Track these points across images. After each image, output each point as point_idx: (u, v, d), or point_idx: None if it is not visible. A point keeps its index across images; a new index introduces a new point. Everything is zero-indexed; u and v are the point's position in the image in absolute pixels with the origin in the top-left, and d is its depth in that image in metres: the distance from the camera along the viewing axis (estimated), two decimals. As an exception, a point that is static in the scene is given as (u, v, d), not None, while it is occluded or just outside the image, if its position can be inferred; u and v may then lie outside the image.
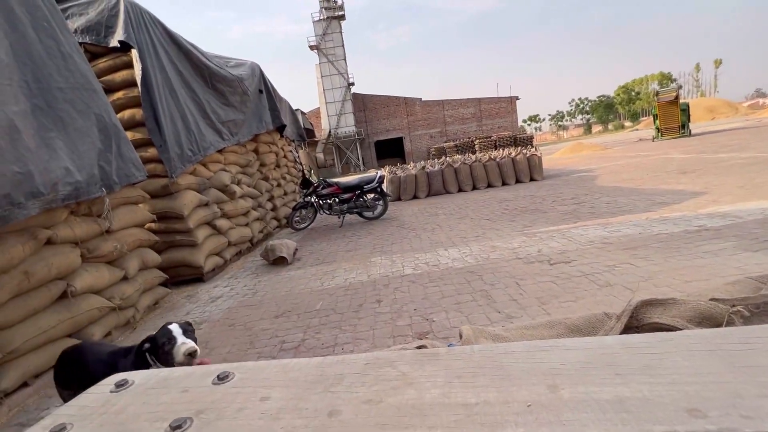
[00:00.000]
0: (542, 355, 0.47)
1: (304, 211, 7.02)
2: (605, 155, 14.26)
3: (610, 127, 61.87)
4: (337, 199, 6.80)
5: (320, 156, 32.15)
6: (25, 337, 2.41)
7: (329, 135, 33.50)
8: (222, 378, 0.52)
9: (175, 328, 1.43)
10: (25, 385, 2.43)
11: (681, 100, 16.43)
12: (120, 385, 0.54)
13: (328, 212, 6.93)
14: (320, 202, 6.94)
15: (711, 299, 0.80)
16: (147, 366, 1.38)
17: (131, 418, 0.47)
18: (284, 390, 0.48)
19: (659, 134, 16.61)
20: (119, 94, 3.90)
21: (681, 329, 0.70)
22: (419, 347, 0.87)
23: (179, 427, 0.43)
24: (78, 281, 2.76)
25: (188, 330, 1.46)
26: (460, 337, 1.02)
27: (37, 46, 2.76)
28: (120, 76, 3.85)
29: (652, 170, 7.94)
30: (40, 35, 2.80)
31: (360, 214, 6.95)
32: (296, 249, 4.89)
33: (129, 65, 3.79)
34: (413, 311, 2.77)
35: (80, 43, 3.28)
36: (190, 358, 1.36)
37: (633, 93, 59.58)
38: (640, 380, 0.40)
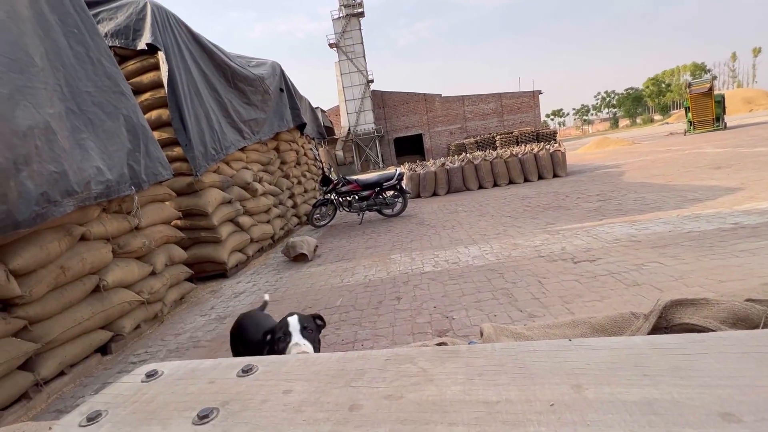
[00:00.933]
0: (566, 354, 0.46)
1: (324, 209, 7.11)
2: (633, 150, 13.73)
3: (638, 120, 59.60)
4: (356, 197, 6.84)
5: (340, 153, 32.47)
6: (62, 328, 2.54)
7: (348, 132, 33.72)
8: (246, 370, 0.53)
9: (293, 323, 1.27)
10: (62, 373, 2.57)
11: (716, 92, 15.62)
12: (150, 375, 0.56)
13: (347, 209, 6.98)
14: (340, 199, 7.00)
15: (747, 300, 0.76)
16: (273, 353, 1.26)
17: (161, 407, 0.48)
18: (306, 384, 0.49)
19: (692, 127, 15.88)
20: (147, 95, 4.05)
21: (714, 330, 0.67)
22: (439, 344, 0.85)
23: (206, 416, 0.44)
24: (110, 276, 2.89)
25: (307, 326, 1.29)
26: (481, 335, 1.00)
27: (68, 52, 2.89)
28: (148, 77, 3.99)
29: (683, 165, 7.60)
30: (71, 41, 2.93)
31: (379, 212, 6.97)
32: (316, 246, 4.96)
33: (156, 67, 3.92)
34: (433, 309, 2.76)
35: (110, 47, 3.42)
36: None
37: (663, 85, 57.11)
38: (669, 382, 0.39)
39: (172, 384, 0.53)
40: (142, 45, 3.65)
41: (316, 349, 1.28)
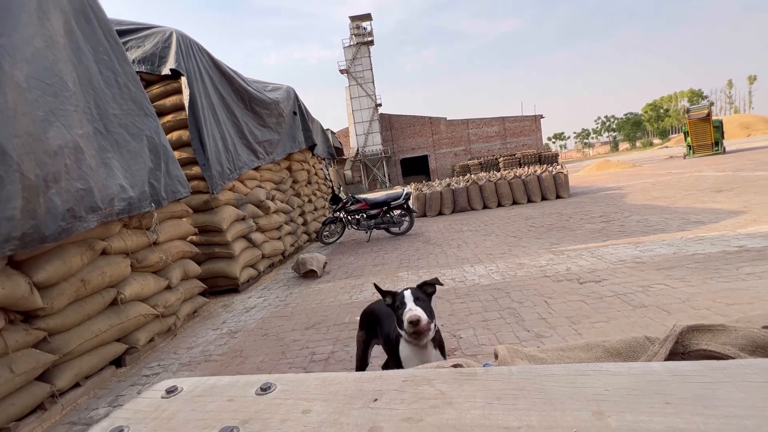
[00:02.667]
0: (584, 379, 0.45)
1: (333, 226, 7.24)
2: (634, 173, 13.87)
3: (638, 144, 60.23)
4: (364, 215, 6.97)
5: (348, 173, 33.26)
6: (79, 340, 2.60)
7: (357, 153, 34.91)
8: (265, 389, 0.53)
9: (408, 294, 1.38)
10: (77, 385, 2.60)
11: (714, 117, 15.90)
12: (170, 391, 0.57)
13: (356, 227, 7.10)
14: (349, 217, 7.13)
15: (765, 327, 0.75)
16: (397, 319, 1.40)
17: (181, 424, 0.48)
18: (325, 404, 0.48)
19: (691, 151, 16.11)
20: (169, 117, 4.24)
21: (732, 358, 0.65)
22: (455, 365, 0.92)
23: None
24: (127, 289, 2.97)
25: (420, 297, 1.40)
26: (496, 357, 1.00)
27: (97, 77, 3.07)
28: (170, 100, 4.19)
29: (684, 188, 7.70)
30: (101, 67, 3.11)
31: (387, 230, 7.08)
32: (326, 263, 5.03)
33: (178, 91, 4.12)
34: (440, 327, 2.79)
35: (137, 72, 3.62)
36: (411, 326, 1.29)
37: (662, 110, 58.05)
38: (692, 411, 0.38)
39: (192, 401, 0.54)
40: (166, 70, 3.86)
41: (429, 315, 1.37)
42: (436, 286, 1.53)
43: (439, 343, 1.47)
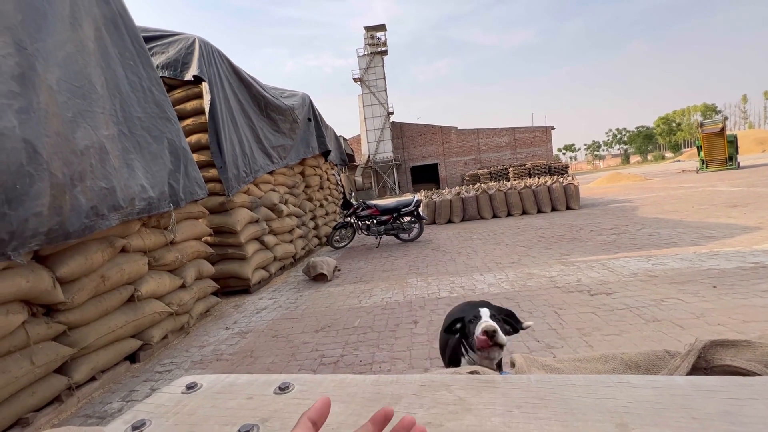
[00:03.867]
0: (606, 390, 0.45)
1: (343, 231, 7.30)
2: (645, 186, 13.73)
3: (649, 157, 59.67)
4: (375, 221, 7.03)
5: (359, 179, 33.71)
6: (97, 334, 2.67)
7: (368, 160, 35.42)
8: (283, 388, 0.54)
9: (484, 311, 1.34)
10: (92, 379, 2.66)
11: (728, 132, 15.73)
12: (190, 387, 0.57)
13: (366, 233, 7.16)
14: (359, 222, 7.21)
15: None
16: (465, 335, 1.34)
17: (202, 420, 0.49)
18: (343, 405, 0.48)
19: (704, 166, 15.92)
20: (189, 121, 4.36)
21: (758, 374, 0.63)
22: (472, 372, 0.92)
23: None
24: (144, 287, 3.04)
25: (496, 315, 1.35)
26: (512, 365, 1.03)
27: (123, 81, 3.18)
28: (191, 105, 4.32)
29: (697, 202, 7.61)
30: (127, 72, 3.23)
31: (396, 236, 7.12)
32: (336, 267, 5.08)
33: (198, 96, 4.25)
34: (450, 334, 2.81)
35: (160, 77, 3.74)
36: (485, 337, 1.19)
37: (674, 124, 57.60)
38: (720, 428, 0.37)
39: (212, 397, 0.54)
40: (188, 76, 3.99)
41: (505, 332, 1.28)
42: (517, 326, 1.39)
43: None
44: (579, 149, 77.99)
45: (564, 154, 76.17)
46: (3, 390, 2.05)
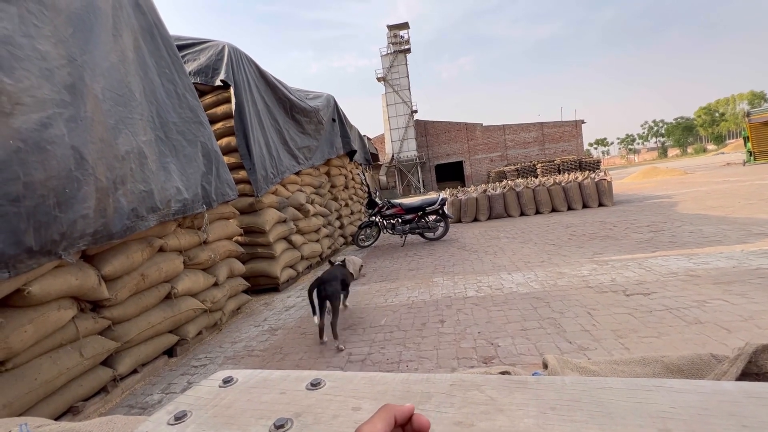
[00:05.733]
0: (646, 394, 0.43)
1: (368, 230, 7.36)
2: (685, 180, 12.99)
3: (689, 150, 56.43)
4: (400, 220, 7.03)
5: (383, 178, 33.97)
6: (138, 329, 2.82)
7: (392, 159, 35.45)
8: (315, 384, 0.55)
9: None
10: (134, 371, 2.81)
11: (780, 121, 14.62)
12: (227, 381, 0.60)
13: (391, 232, 7.18)
14: (384, 221, 7.22)
15: None
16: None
17: (239, 413, 0.51)
18: (374, 402, 0.49)
19: (752, 158, 14.87)
20: (219, 125, 4.53)
21: None
22: (503, 372, 0.85)
23: (282, 426, 0.46)
24: (180, 284, 3.18)
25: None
26: (544, 366, 0.97)
27: (160, 89, 3.33)
28: (221, 109, 4.49)
29: (744, 197, 7.12)
30: (163, 80, 3.38)
31: (422, 235, 7.09)
32: (362, 265, 5.10)
33: (228, 100, 4.40)
34: (477, 334, 2.77)
35: (193, 83, 3.90)
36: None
37: (717, 114, 54.10)
38: None
39: (247, 391, 0.56)
40: (218, 81, 4.14)
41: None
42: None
43: None
44: (612, 143, 74.77)
45: (595, 148, 73.31)
46: (56, 380, 2.20)
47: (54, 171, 2.08)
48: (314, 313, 3.08)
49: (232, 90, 4.22)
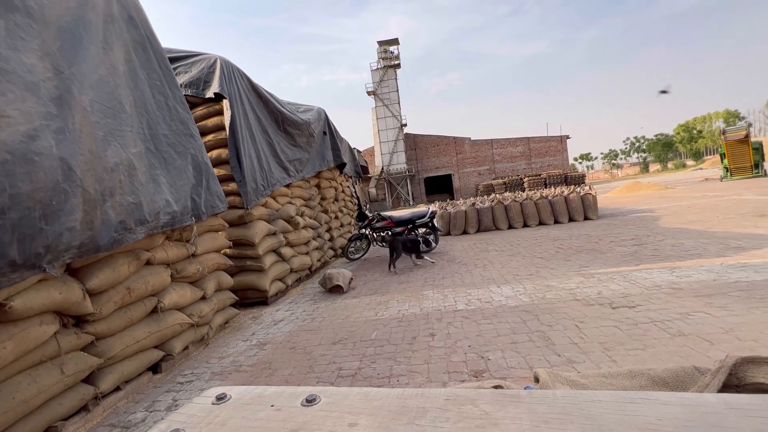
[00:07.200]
0: (634, 407, 0.44)
1: (358, 243, 7.35)
2: (667, 195, 13.38)
3: (669, 165, 58.29)
4: (390, 232, 7.05)
5: (372, 191, 34.18)
6: (122, 345, 2.74)
7: (382, 171, 35.77)
8: (310, 400, 0.54)
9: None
10: (117, 389, 2.73)
11: (753, 139, 15.30)
12: (220, 398, 0.59)
13: (381, 244, 7.18)
14: (374, 234, 7.23)
15: None
16: None
17: (234, 430, 0.50)
18: (370, 418, 0.49)
19: (728, 174, 15.47)
20: (210, 137, 4.52)
21: None
22: (495, 387, 0.86)
23: None
24: (166, 298, 3.12)
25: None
26: (536, 380, 1.01)
27: (151, 101, 3.32)
28: (212, 121, 4.48)
29: (723, 212, 7.37)
30: (154, 92, 3.38)
31: None
32: (351, 278, 5.10)
33: (219, 113, 4.41)
34: (467, 347, 2.78)
35: (184, 95, 3.90)
36: None
37: (695, 131, 56.23)
38: None
39: (241, 408, 0.55)
40: (210, 94, 4.15)
41: None
42: None
43: None
44: (596, 158, 76.72)
45: (580, 163, 75.07)
46: (35, 399, 2.12)
47: (41, 183, 2.05)
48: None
49: (225, 102, 4.23)
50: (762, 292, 2.98)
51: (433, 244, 7.07)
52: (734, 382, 0.75)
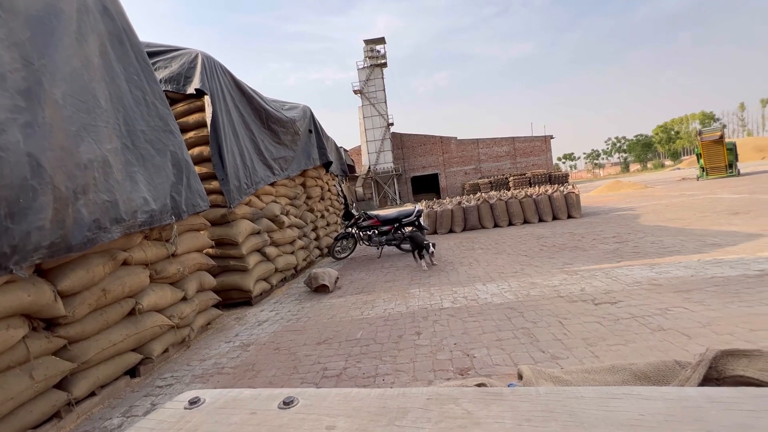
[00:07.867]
0: (617, 403, 0.44)
1: (345, 242, 7.30)
2: (646, 194, 13.74)
3: (649, 165, 60.05)
4: (376, 231, 7.02)
5: (359, 190, 34.05)
6: (97, 349, 2.64)
7: (369, 170, 35.75)
8: (287, 403, 0.53)
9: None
10: (92, 394, 2.62)
11: (727, 140, 15.87)
12: (193, 403, 0.56)
13: (367, 243, 7.15)
14: (361, 233, 7.19)
15: None
16: None
17: None
18: (348, 420, 0.48)
19: (704, 173, 16.00)
20: (191, 134, 4.40)
21: None
22: (479, 384, 0.85)
23: None
24: (145, 300, 3.03)
25: None
26: (519, 377, 1.00)
27: (128, 96, 3.21)
28: (193, 118, 4.36)
29: (699, 210, 7.60)
30: (131, 86, 3.27)
31: (398, 246, 7.09)
32: (337, 278, 5.05)
33: (201, 109, 4.29)
34: (453, 345, 2.78)
35: (164, 91, 3.79)
36: None
37: (673, 132, 58.13)
38: None
39: (215, 413, 0.53)
40: (191, 90, 4.04)
41: None
42: None
43: None
44: (579, 158, 78.43)
45: (564, 163, 76.64)
46: (2, 406, 2.02)
47: (7, 179, 1.95)
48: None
49: (207, 99, 4.13)
50: (736, 287, 3.07)
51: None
52: (714, 375, 0.75)
